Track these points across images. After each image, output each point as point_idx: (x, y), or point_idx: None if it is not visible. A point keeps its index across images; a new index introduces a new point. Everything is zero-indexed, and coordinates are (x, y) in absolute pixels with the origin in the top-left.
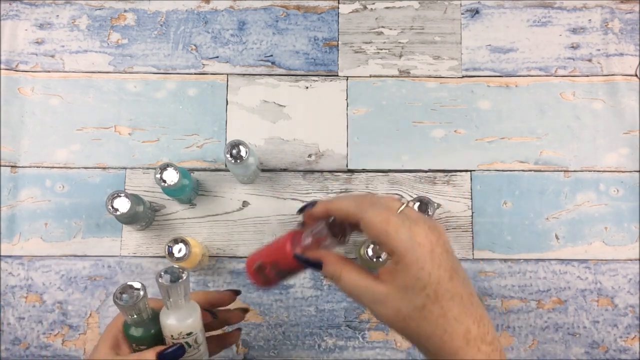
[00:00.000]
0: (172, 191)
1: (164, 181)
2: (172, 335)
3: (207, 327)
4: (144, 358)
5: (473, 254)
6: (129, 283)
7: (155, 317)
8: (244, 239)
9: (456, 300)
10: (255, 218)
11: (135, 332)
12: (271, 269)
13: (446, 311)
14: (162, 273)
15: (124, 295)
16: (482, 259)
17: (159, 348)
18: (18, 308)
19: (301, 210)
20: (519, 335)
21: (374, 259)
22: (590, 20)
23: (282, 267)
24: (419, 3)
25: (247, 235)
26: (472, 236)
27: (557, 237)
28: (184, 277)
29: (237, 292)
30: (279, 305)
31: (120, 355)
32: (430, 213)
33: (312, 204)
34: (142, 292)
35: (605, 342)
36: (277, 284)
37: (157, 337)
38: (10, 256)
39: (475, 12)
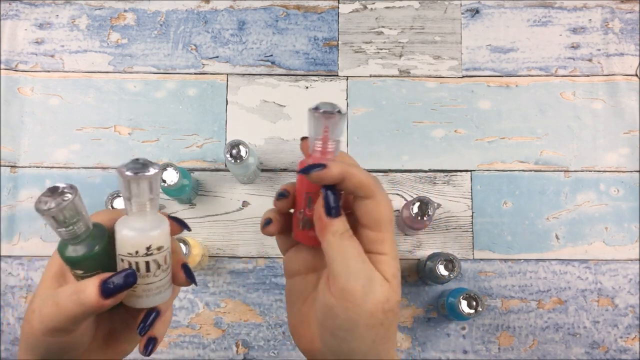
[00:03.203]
0: (172, 191)
1: (164, 181)
2: (130, 253)
3: None
4: (82, 289)
5: (473, 254)
6: (55, 184)
7: (100, 232)
8: (244, 239)
9: None
10: (255, 218)
11: (73, 251)
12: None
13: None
14: (127, 163)
15: (47, 199)
16: (482, 259)
17: (105, 275)
18: (18, 308)
19: (306, 171)
20: (519, 335)
21: None
22: (590, 20)
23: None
24: (419, 3)
25: (247, 235)
26: (472, 236)
27: (557, 237)
28: (152, 172)
29: (183, 225)
30: (279, 305)
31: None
32: (430, 213)
33: (321, 165)
34: (69, 195)
35: (605, 342)
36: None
37: (104, 259)
38: (10, 256)
39: (475, 12)
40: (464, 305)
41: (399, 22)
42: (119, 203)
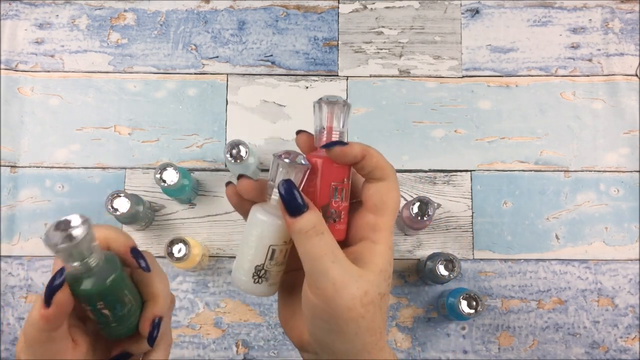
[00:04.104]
0: (172, 191)
1: (164, 181)
2: (285, 242)
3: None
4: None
5: (473, 254)
6: (64, 218)
7: (112, 260)
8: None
9: None
10: None
11: (86, 284)
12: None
13: (387, 304)
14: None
15: (56, 233)
16: (482, 259)
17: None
18: (18, 308)
19: (328, 146)
20: (519, 335)
21: None
22: (590, 20)
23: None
24: (419, 3)
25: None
26: (472, 236)
27: (557, 237)
28: (305, 163)
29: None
30: None
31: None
32: (430, 213)
33: (343, 142)
34: (81, 229)
35: (605, 342)
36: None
37: (123, 285)
38: (10, 256)
39: (475, 12)
40: (464, 305)
41: (399, 22)
42: (118, 203)
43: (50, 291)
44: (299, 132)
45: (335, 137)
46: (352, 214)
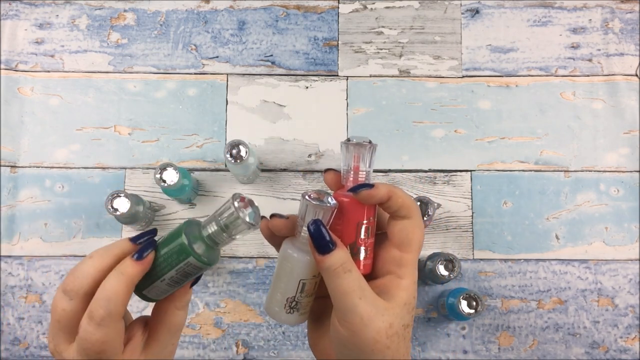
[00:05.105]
0: (172, 191)
1: (164, 181)
2: (315, 275)
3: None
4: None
5: (473, 254)
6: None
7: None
8: (244, 239)
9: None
10: None
11: (199, 249)
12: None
13: (410, 335)
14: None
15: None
16: (482, 259)
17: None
18: (18, 308)
19: (355, 190)
20: (519, 335)
21: None
22: (590, 20)
23: (366, 222)
24: (419, 3)
25: (247, 235)
26: (472, 236)
27: (557, 237)
28: (333, 203)
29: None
30: None
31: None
32: (430, 213)
33: (369, 185)
34: (255, 209)
35: (605, 343)
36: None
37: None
38: (10, 256)
39: (475, 12)
40: (464, 305)
41: (399, 22)
42: (119, 203)
43: (145, 247)
44: (326, 171)
45: (362, 177)
46: (378, 247)
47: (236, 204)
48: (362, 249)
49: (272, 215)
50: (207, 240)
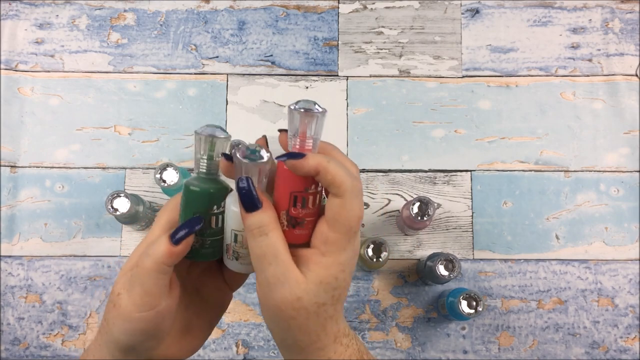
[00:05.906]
0: (172, 191)
1: (164, 181)
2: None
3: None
4: (153, 241)
5: (473, 254)
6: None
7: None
8: None
9: (343, 303)
10: None
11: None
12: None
13: (335, 313)
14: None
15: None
16: (482, 259)
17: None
18: (18, 308)
19: (282, 157)
20: (519, 335)
21: (374, 259)
22: (590, 20)
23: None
24: (419, 3)
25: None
26: (472, 236)
27: (557, 237)
28: (266, 157)
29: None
30: None
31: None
32: (430, 213)
33: (300, 155)
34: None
35: (605, 343)
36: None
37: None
38: (10, 256)
39: (475, 12)
40: (464, 305)
41: (399, 22)
42: (119, 203)
43: (185, 234)
44: (281, 132)
45: (309, 145)
46: (320, 218)
47: (199, 130)
48: (294, 218)
49: (223, 154)
50: (201, 175)
